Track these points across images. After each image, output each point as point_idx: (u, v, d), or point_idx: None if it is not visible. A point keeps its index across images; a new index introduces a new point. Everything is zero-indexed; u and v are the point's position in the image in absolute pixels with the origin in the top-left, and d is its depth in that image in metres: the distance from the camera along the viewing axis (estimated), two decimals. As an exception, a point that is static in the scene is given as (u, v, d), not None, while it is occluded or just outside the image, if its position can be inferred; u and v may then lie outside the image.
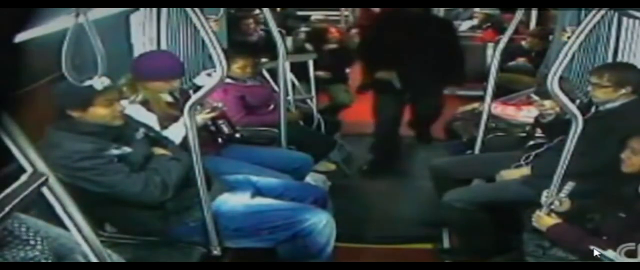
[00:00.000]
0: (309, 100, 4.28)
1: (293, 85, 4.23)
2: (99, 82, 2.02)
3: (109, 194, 2.11)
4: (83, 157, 2.05)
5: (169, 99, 2.81)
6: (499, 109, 3.69)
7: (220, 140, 2.92)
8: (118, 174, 2.11)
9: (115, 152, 2.12)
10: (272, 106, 3.68)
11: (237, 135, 2.97)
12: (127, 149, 2.16)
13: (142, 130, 2.33)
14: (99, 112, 2.13)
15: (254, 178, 2.62)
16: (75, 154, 2.05)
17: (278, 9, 5.98)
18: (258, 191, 2.54)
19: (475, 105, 3.72)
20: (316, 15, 6.91)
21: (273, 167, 2.94)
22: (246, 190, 2.50)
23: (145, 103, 2.65)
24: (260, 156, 3.05)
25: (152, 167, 2.21)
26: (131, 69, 2.72)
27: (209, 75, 3.32)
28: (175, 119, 2.60)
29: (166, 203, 2.23)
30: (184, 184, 2.26)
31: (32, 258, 1.49)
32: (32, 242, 1.51)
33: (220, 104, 2.86)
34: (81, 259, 1.60)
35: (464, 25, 6.80)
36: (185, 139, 2.41)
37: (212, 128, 2.87)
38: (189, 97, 2.87)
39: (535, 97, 2.91)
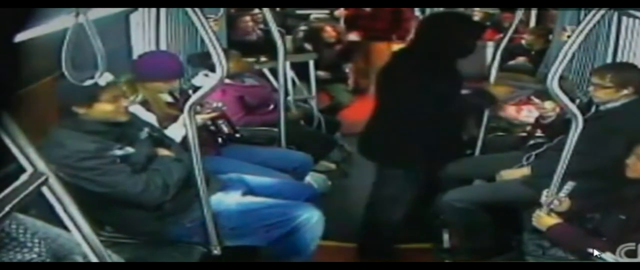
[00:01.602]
0: (309, 100, 4.28)
1: (293, 84, 4.23)
2: (103, 78, 2.02)
3: (110, 194, 2.11)
4: (86, 157, 2.05)
5: (169, 99, 2.81)
6: (502, 108, 3.68)
7: (220, 140, 2.92)
8: (120, 174, 2.10)
9: (118, 152, 2.12)
10: (271, 106, 3.68)
11: (237, 135, 2.97)
12: (129, 149, 2.16)
13: (146, 130, 2.32)
14: (104, 108, 2.13)
15: (247, 177, 2.62)
16: (78, 154, 2.05)
17: (278, 8, 5.98)
18: (251, 190, 2.54)
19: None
20: (316, 14, 6.90)
21: (273, 167, 2.94)
22: (239, 189, 2.50)
23: (144, 103, 2.65)
24: (260, 156, 3.05)
25: (154, 168, 2.20)
26: (131, 69, 2.72)
27: (206, 75, 3.32)
28: (175, 119, 2.60)
29: (164, 204, 2.22)
30: (183, 185, 2.26)
31: (30, 260, 1.49)
32: (29, 245, 1.50)
33: (220, 104, 2.86)
34: (81, 260, 1.60)
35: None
36: (185, 138, 2.41)
37: (212, 128, 2.87)
38: (188, 96, 2.88)
39: (536, 100, 2.90)
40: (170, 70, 2.77)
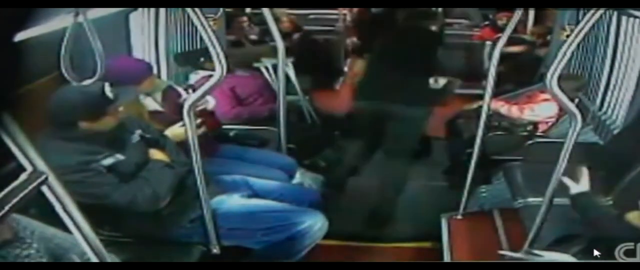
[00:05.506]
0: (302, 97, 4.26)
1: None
2: (109, 90, 2.02)
3: (99, 205, 2.03)
4: (69, 171, 1.93)
5: (157, 107, 2.76)
6: (505, 108, 3.67)
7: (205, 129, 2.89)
8: (105, 187, 2.04)
9: (105, 161, 2.07)
10: (261, 99, 3.67)
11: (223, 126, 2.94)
12: (119, 157, 2.11)
13: (138, 132, 2.28)
14: (108, 121, 2.10)
15: (251, 180, 2.61)
16: (60, 169, 1.98)
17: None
18: (255, 193, 2.53)
19: (481, 102, 3.68)
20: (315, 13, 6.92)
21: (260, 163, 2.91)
22: (243, 191, 2.49)
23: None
24: (248, 155, 3.02)
25: (143, 176, 2.15)
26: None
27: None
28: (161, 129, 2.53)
29: (161, 210, 2.19)
30: (182, 187, 2.24)
31: (28, 256, 1.48)
32: (28, 241, 1.50)
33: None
34: (76, 259, 1.59)
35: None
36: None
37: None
38: (177, 96, 2.84)
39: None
40: (137, 71, 2.69)
